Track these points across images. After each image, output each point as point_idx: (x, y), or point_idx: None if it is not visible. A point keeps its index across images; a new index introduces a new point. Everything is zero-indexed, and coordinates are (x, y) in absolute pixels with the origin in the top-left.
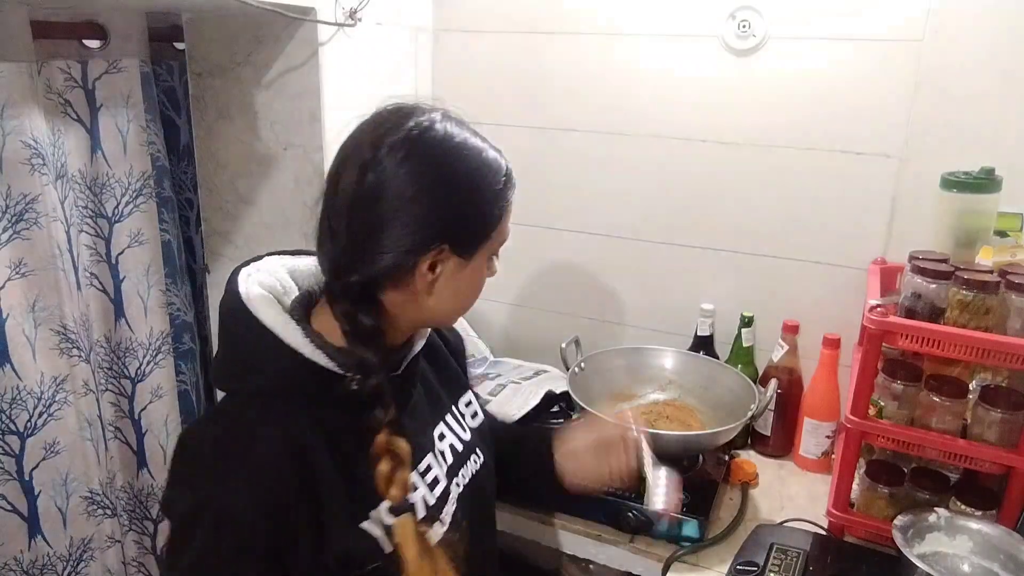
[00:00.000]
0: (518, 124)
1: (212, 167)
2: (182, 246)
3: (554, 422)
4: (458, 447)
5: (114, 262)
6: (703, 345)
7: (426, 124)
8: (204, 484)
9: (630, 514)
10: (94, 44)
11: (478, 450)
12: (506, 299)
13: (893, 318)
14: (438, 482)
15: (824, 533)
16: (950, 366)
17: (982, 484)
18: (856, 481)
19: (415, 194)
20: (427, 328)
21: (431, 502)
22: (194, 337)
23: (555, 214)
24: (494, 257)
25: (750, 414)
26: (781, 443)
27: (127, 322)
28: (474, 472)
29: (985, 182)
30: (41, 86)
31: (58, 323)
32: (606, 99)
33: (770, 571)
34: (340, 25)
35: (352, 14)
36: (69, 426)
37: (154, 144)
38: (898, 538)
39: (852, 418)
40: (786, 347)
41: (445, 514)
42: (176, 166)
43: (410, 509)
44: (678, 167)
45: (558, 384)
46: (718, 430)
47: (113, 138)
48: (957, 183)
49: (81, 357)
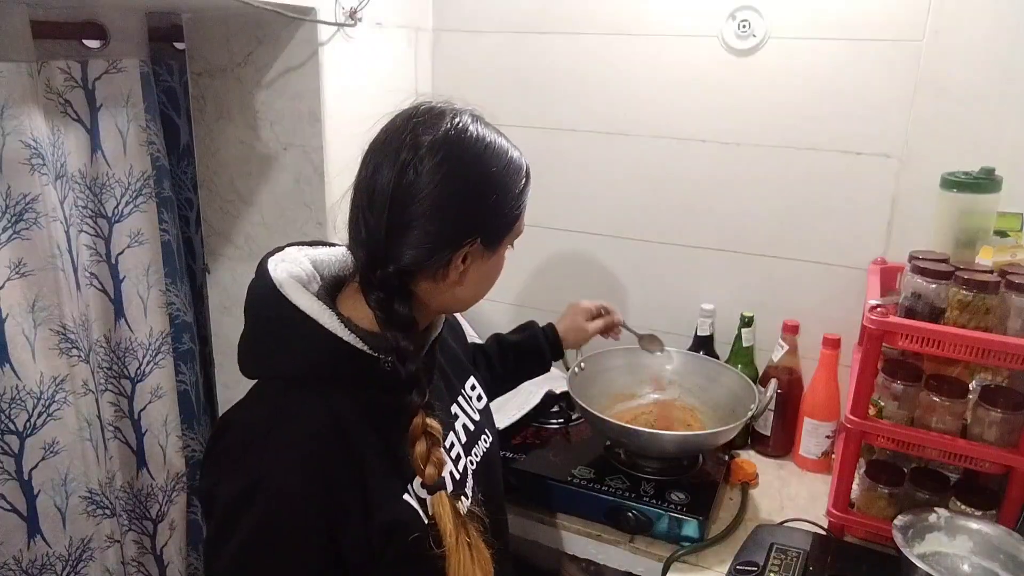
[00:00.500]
0: (518, 124)
1: (212, 167)
2: (182, 246)
3: (554, 422)
4: (470, 426)
5: (114, 262)
6: (703, 345)
7: (460, 126)
8: (256, 466)
9: (630, 514)
10: (94, 44)
11: (486, 430)
12: (506, 299)
13: (893, 318)
14: (460, 458)
15: (824, 533)
16: (950, 366)
17: (982, 484)
18: (856, 481)
19: (453, 192)
20: (446, 314)
21: (456, 477)
22: (194, 337)
23: (555, 214)
24: (510, 246)
25: (750, 414)
26: (781, 443)
27: (127, 322)
28: (485, 450)
29: (985, 182)
30: (41, 86)
31: (58, 323)
32: (606, 99)
33: (770, 571)
34: (340, 25)
35: (352, 14)
36: (69, 426)
37: (154, 144)
38: (898, 538)
39: (852, 418)
40: (786, 347)
41: (468, 488)
42: (176, 166)
43: (444, 486)
44: (678, 167)
45: (558, 384)
46: (718, 430)
47: (113, 138)
48: (957, 183)
49: (80, 357)
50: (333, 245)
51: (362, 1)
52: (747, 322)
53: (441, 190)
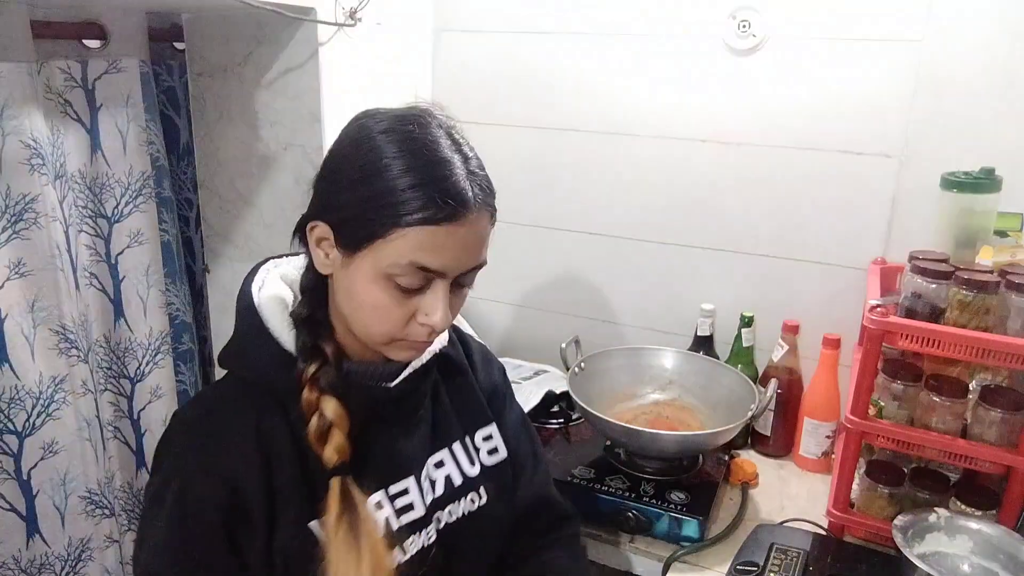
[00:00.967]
0: (518, 124)
1: (212, 167)
2: (181, 246)
3: (554, 422)
4: (456, 480)
5: (113, 262)
6: (703, 345)
7: (374, 115)
8: (171, 464)
9: (630, 514)
10: (94, 44)
11: (482, 489)
12: (506, 299)
13: (893, 318)
14: (411, 509)
15: (824, 533)
16: (950, 366)
17: (982, 484)
18: (856, 481)
19: (329, 163)
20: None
21: (394, 527)
22: (193, 337)
23: (555, 214)
24: (414, 295)
25: (750, 414)
26: (781, 443)
27: (126, 322)
28: (467, 512)
29: (985, 182)
30: (41, 86)
31: (57, 323)
32: (606, 99)
33: (770, 571)
34: (340, 25)
35: (352, 14)
36: (68, 426)
37: (154, 144)
38: (898, 538)
39: (852, 418)
40: (786, 347)
41: (409, 544)
42: (176, 166)
43: (344, 472)
44: (678, 167)
45: (558, 384)
46: (718, 430)
47: (113, 138)
48: (957, 183)
49: (80, 357)
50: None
51: (362, 1)
52: (747, 322)
53: (327, 158)
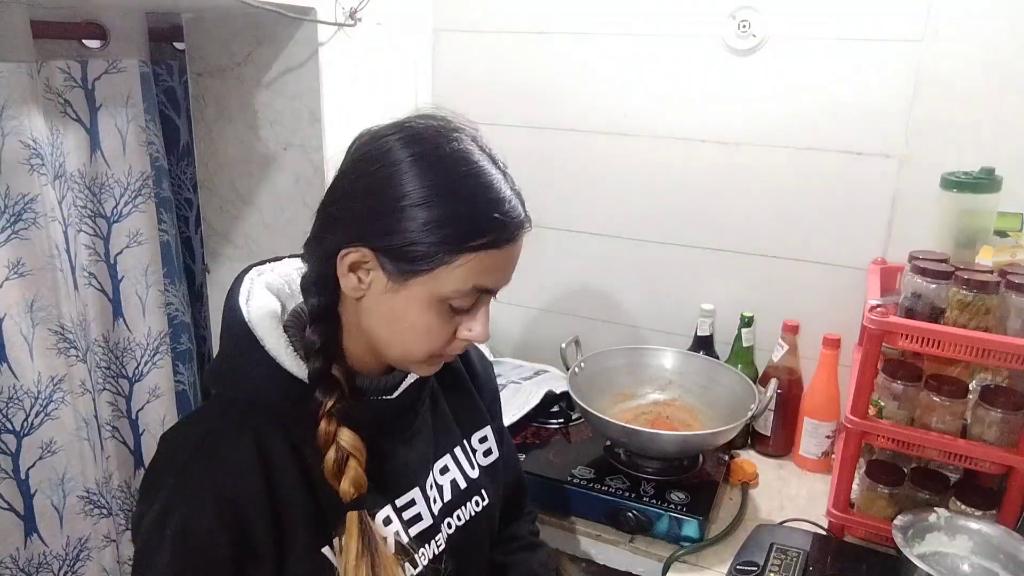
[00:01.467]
0: (518, 124)
1: (212, 167)
2: (180, 246)
3: (554, 422)
4: (461, 484)
5: (113, 262)
6: (703, 345)
7: (388, 132)
8: (171, 495)
9: (630, 514)
10: (94, 44)
11: (484, 491)
12: (506, 299)
13: (893, 318)
14: (419, 519)
15: (824, 533)
16: (950, 366)
17: (982, 484)
18: (856, 481)
19: (352, 185)
20: (375, 344)
21: (404, 540)
22: (191, 337)
23: (555, 214)
24: (463, 314)
25: (750, 414)
26: (781, 443)
27: (125, 322)
28: (473, 514)
29: (985, 182)
30: (41, 86)
31: (56, 323)
32: (606, 99)
33: (770, 571)
34: (340, 25)
35: (352, 14)
36: (66, 426)
37: (153, 144)
38: (898, 538)
39: (852, 418)
40: (786, 347)
41: (421, 555)
42: (175, 166)
43: (362, 506)
44: (678, 167)
45: (558, 384)
46: (718, 430)
47: (112, 138)
48: (957, 183)
49: (78, 357)
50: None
51: (362, 1)
52: (747, 322)
53: (341, 182)
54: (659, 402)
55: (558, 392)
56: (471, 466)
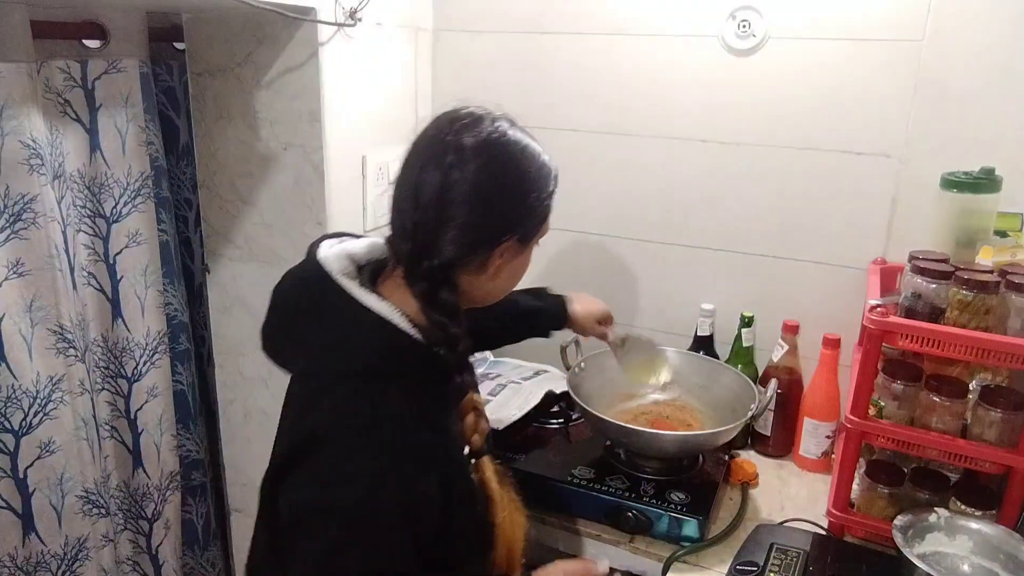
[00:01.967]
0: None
1: (212, 167)
2: (179, 246)
3: (554, 422)
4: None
5: (112, 262)
6: (703, 345)
7: (500, 129)
8: (381, 475)
9: (630, 514)
10: (94, 44)
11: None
12: None
13: (893, 318)
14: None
15: (824, 533)
16: (950, 366)
17: (982, 484)
18: (856, 481)
19: (494, 192)
20: (476, 305)
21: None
22: (190, 337)
23: (555, 214)
24: (537, 243)
25: (750, 414)
26: (781, 443)
27: (124, 322)
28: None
29: (985, 182)
30: (40, 86)
31: (54, 323)
32: (606, 99)
33: (770, 571)
34: (340, 25)
35: (352, 14)
36: (65, 425)
37: (153, 144)
38: (898, 538)
39: (852, 418)
40: (786, 347)
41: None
42: (175, 166)
43: (487, 452)
44: (678, 167)
45: (558, 384)
46: (718, 430)
47: (112, 138)
48: (957, 183)
49: (77, 357)
50: (358, 236)
51: (362, 1)
52: (747, 322)
53: (484, 190)
54: (659, 402)
55: (558, 392)
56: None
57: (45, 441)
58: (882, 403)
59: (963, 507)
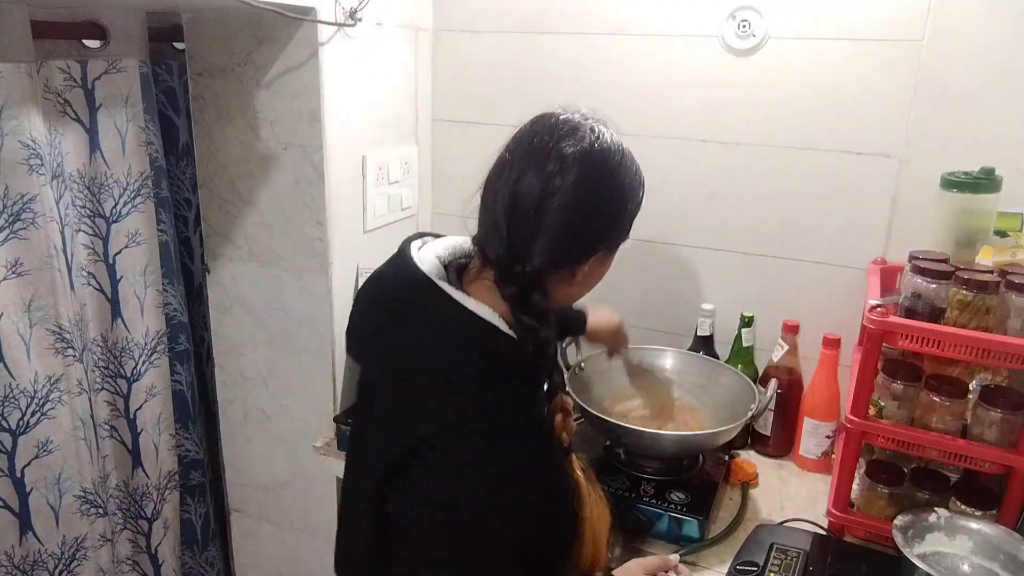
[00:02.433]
0: (518, 124)
1: (212, 167)
2: (178, 246)
3: None
4: None
5: (111, 262)
6: (703, 345)
7: (601, 139)
8: (496, 474)
9: (630, 514)
10: (94, 44)
11: None
12: None
13: (893, 318)
14: None
15: (824, 533)
16: (950, 366)
17: (982, 484)
18: (856, 481)
19: (595, 204)
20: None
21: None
22: (189, 337)
23: None
24: None
25: (750, 414)
26: (781, 443)
27: (123, 322)
28: None
29: (985, 182)
30: (40, 86)
31: (53, 323)
32: (606, 99)
33: (770, 571)
34: (340, 25)
35: (352, 14)
36: (63, 425)
37: (152, 144)
38: (898, 538)
39: (852, 418)
40: (786, 347)
41: None
42: (174, 166)
43: (573, 449)
44: (678, 167)
45: None
46: (718, 430)
47: (112, 138)
48: (957, 183)
49: (75, 357)
50: (436, 236)
51: (362, 1)
52: (747, 322)
53: (584, 203)
54: (659, 402)
55: None
56: None
57: (43, 440)
58: (882, 403)
59: (963, 507)
